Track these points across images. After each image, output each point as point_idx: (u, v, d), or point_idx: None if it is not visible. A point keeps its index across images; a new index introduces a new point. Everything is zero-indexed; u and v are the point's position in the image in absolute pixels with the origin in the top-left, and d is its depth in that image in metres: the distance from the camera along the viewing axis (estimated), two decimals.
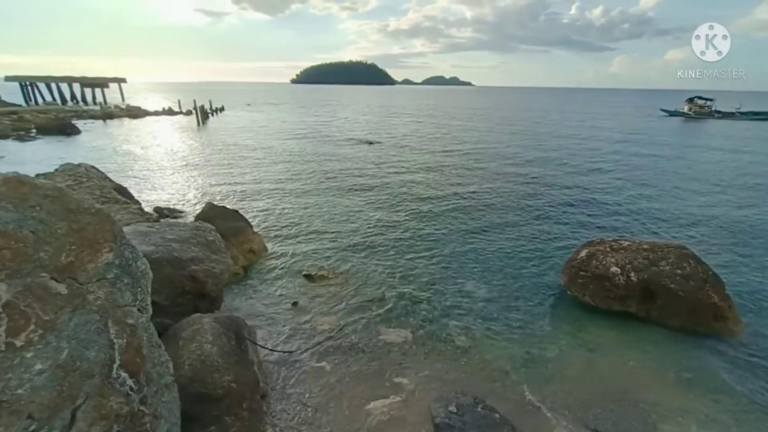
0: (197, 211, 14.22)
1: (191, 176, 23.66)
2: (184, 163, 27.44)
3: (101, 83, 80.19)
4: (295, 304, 10.22)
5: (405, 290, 10.98)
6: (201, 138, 40.41)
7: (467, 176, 24.58)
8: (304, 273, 11.82)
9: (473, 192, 20.90)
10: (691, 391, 7.51)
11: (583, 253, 10.73)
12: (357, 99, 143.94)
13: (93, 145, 33.93)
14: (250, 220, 14.18)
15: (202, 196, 19.49)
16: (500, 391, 7.53)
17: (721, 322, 9.07)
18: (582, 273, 10.36)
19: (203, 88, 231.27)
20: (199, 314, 6.64)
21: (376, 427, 6.57)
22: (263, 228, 15.26)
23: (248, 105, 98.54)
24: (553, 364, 8.20)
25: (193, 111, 56.26)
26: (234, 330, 6.71)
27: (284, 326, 9.31)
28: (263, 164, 27.24)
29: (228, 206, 14.69)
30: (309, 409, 6.86)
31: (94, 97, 78.25)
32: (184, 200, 18.75)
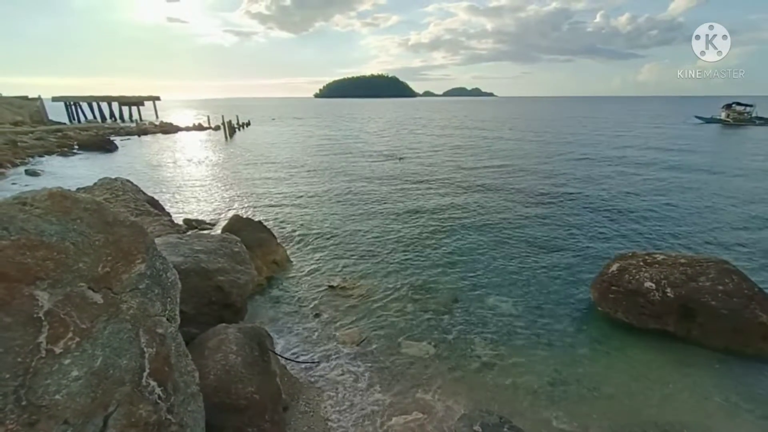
0: (224, 223, 14.65)
1: (218, 189, 24.51)
2: (212, 176, 28.51)
3: (137, 101, 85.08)
4: (317, 315, 10.26)
5: (428, 304, 10.83)
6: (228, 152, 41.98)
7: (493, 189, 24.20)
8: (327, 284, 11.90)
9: (498, 206, 20.53)
10: (738, 417, 6.94)
11: (615, 267, 10.28)
12: (380, 112, 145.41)
13: (128, 160, 35.88)
14: (274, 232, 14.47)
15: (228, 208, 20.11)
16: (527, 412, 7.21)
17: None
18: (614, 288, 9.90)
19: (231, 104, 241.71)
20: (224, 324, 6.77)
21: None
22: (287, 240, 15.52)
23: (273, 119, 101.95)
24: (584, 385, 7.80)
25: (221, 126, 58.66)
26: (257, 341, 6.78)
27: (307, 337, 9.35)
28: (289, 177, 27.90)
29: (253, 218, 15.09)
30: (330, 423, 6.80)
31: (130, 115, 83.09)
32: (211, 212, 19.39)
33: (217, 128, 65.94)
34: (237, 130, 66.06)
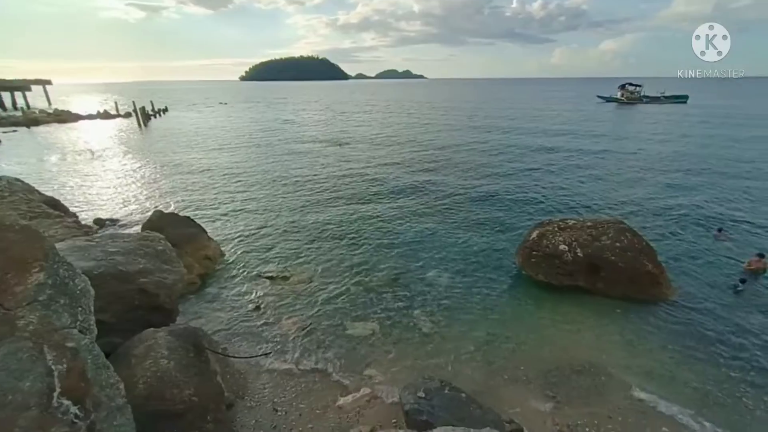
0: (144, 220, 13.33)
1: (136, 183, 22.10)
2: (127, 169, 25.55)
3: (21, 86, 72.15)
4: (258, 307, 9.96)
5: (369, 284, 11.06)
6: (144, 141, 37.76)
7: (428, 172, 24.94)
8: (265, 275, 11.54)
9: (433, 187, 21.31)
10: (633, 351, 8.28)
11: (535, 235, 11.38)
12: (314, 96, 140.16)
13: (17, 156, 30.55)
14: (204, 226, 13.55)
15: (149, 203, 18.30)
16: (466, 371, 7.85)
17: (656, 287, 10.04)
18: (534, 253, 10.99)
19: (144, 88, 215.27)
20: (152, 329, 6.28)
21: (348, 422, 6.61)
22: (220, 234, 14.64)
23: (195, 105, 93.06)
24: (513, 341, 8.67)
25: (133, 113, 52.37)
26: (192, 341, 6.42)
27: (248, 331, 9.06)
28: (218, 168, 26.00)
29: (179, 213, 13.95)
30: (279, 413, 6.75)
31: (14, 102, 70.27)
32: (128, 209, 17.49)
33: (127, 115, 58.67)
34: (153, 117, 59.51)
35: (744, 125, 44.20)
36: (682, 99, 77.53)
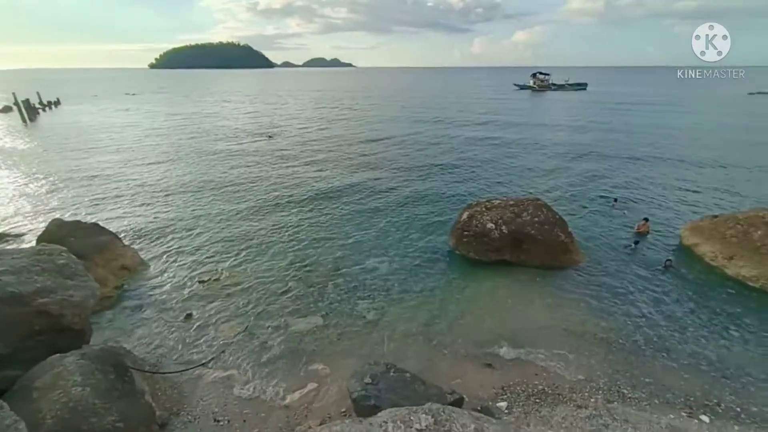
0: (40, 232, 11.51)
1: (25, 189, 18.87)
2: (11, 175, 21.65)
3: None
4: (189, 315, 9.25)
5: (310, 279, 10.88)
6: (31, 140, 32.10)
7: (360, 162, 24.98)
8: (196, 280, 10.74)
9: (365, 177, 21.43)
10: (553, 312, 9.29)
11: (465, 216, 12.09)
12: (238, 85, 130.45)
13: None
14: (118, 233, 12.17)
15: (44, 211, 15.80)
16: (410, 351, 8.17)
17: (569, 254, 11.33)
18: (466, 233, 11.70)
19: (29, 77, 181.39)
20: (58, 355, 5.52)
21: (296, 419, 6.52)
22: (138, 239, 13.23)
23: (96, 96, 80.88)
24: (451, 317, 9.21)
25: (14, 106, 44.41)
26: (112, 362, 5.79)
27: (180, 342, 8.40)
28: (130, 167, 23.18)
29: (83, 220, 12.29)
30: (221, 423, 6.42)
31: None
32: (17, 221, 14.93)
33: (7, 110, 49.49)
34: (41, 111, 51.00)
35: (632, 108, 51.38)
36: (582, 86, 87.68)
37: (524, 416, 6.48)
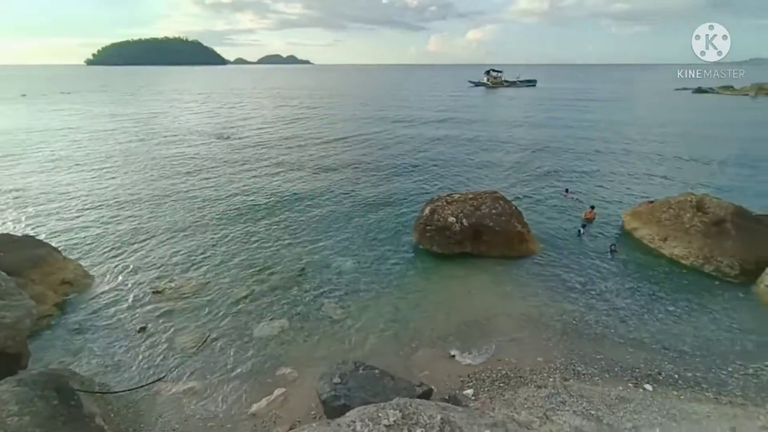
0: None
1: None
2: None
3: None
4: (143, 328, 8.69)
5: (273, 282, 10.60)
6: None
7: (321, 162, 24.53)
8: (149, 291, 10.10)
9: (327, 177, 21.15)
10: (513, 300, 9.74)
11: (427, 211, 12.32)
12: (189, 83, 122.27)
13: None
14: (57, 246, 11.15)
15: None
16: (378, 347, 8.22)
17: (525, 244, 11.90)
18: (428, 227, 11.93)
19: None
20: None
21: (264, 427, 6.36)
22: (80, 251, 12.20)
23: (24, 96, 72.67)
24: (416, 310, 9.38)
25: None
26: (54, 386, 5.31)
27: (134, 357, 7.88)
28: (69, 174, 21.18)
29: (15, 233, 11.16)
30: None
31: None
32: None
33: None
34: None
35: (577, 104, 54.81)
36: (532, 83, 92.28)
37: (490, 401, 6.74)
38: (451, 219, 11.70)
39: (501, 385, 7.15)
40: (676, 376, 7.30)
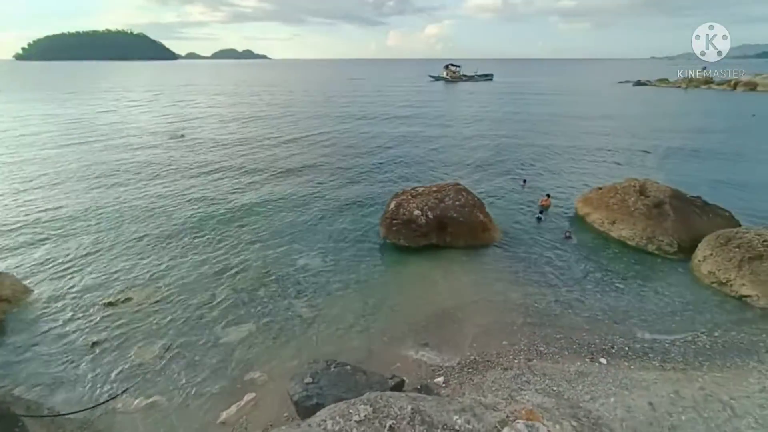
0: None
1: None
2: None
3: None
4: (95, 343, 8.12)
5: (238, 284, 10.27)
6: None
7: (283, 160, 23.73)
8: (100, 302, 9.44)
9: (290, 175, 20.62)
10: (478, 287, 10.08)
11: (393, 205, 12.41)
12: (137, 80, 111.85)
13: None
14: None
15: None
16: (349, 343, 8.22)
17: (487, 233, 12.33)
18: (395, 221, 12.02)
19: None
20: None
21: None
22: (19, 265, 11.15)
23: None
24: (387, 304, 9.45)
25: None
26: None
27: (87, 375, 7.36)
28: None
29: None
30: None
31: None
32: None
33: None
34: None
35: (531, 97, 57.26)
36: (489, 77, 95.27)
37: (460, 386, 6.97)
38: (417, 212, 11.86)
39: (470, 370, 7.40)
40: (627, 348, 7.90)
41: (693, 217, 11.90)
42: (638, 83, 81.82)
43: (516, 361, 7.54)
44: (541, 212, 14.36)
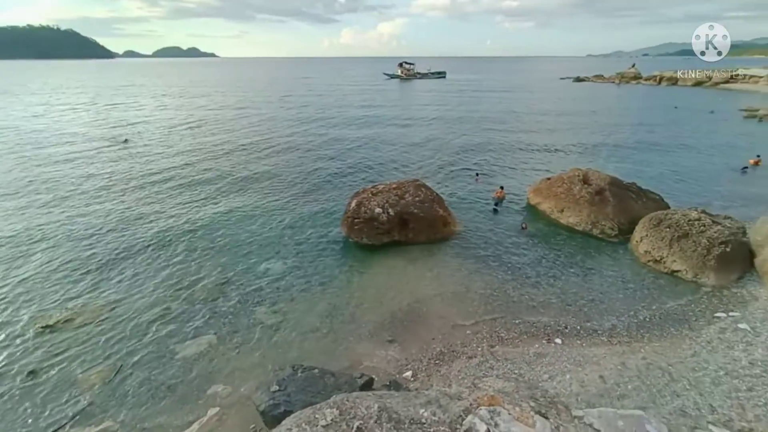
0: None
1: None
2: None
3: None
4: (33, 372, 7.37)
5: (194, 295, 9.75)
6: None
7: (237, 164, 22.77)
8: (37, 326, 8.55)
9: (246, 179, 19.73)
10: (441, 280, 10.31)
11: (354, 204, 12.36)
12: (68, 79, 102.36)
13: None
14: None
15: None
16: (316, 346, 8.10)
17: (448, 227, 12.65)
18: (356, 220, 11.98)
19: None
20: None
21: None
22: None
23: None
24: (352, 304, 9.42)
25: None
26: None
27: (25, 409, 6.65)
28: None
29: None
30: None
31: None
32: None
33: None
34: None
35: (483, 95, 59.46)
36: (442, 75, 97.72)
37: (427, 378, 7.12)
38: (378, 210, 11.91)
39: (437, 362, 7.58)
40: (579, 327, 8.48)
41: (630, 202, 12.97)
42: (578, 79, 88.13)
43: (479, 349, 7.82)
44: (496, 204, 15.00)
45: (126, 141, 27.39)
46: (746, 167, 19.84)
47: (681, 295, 9.49)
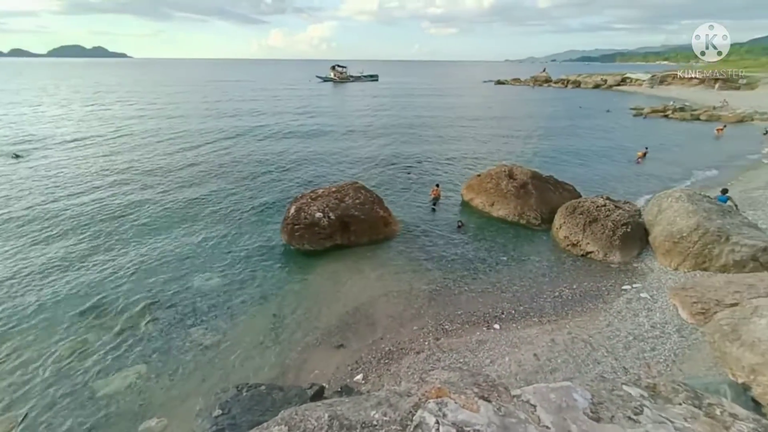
0: None
1: None
2: None
3: None
4: None
5: (116, 322, 8.71)
6: None
7: (159, 176, 20.60)
8: None
9: (170, 192, 17.83)
10: (385, 281, 10.44)
11: (293, 210, 12.01)
12: None
13: None
14: None
15: None
16: (261, 362, 7.72)
17: (389, 227, 12.87)
18: (297, 227, 11.66)
19: None
20: None
21: None
22: None
23: None
24: (297, 312, 9.15)
25: None
26: None
27: None
28: None
29: None
30: None
31: None
32: None
33: None
34: None
35: (415, 97, 61.47)
36: (374, 78, 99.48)
37: (379, 379, 7.17)
38: (318, 214, 11.71)
39: (386, 361, 7.66)
40: (513, 312, 9.15)
41: (549, 194, 14.34)
42: (498, 82, 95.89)
43: (426, 343, 8.08)
44: (434, 203, 15.59)
45: (17, 156, 23.28)
46: (639, 159, 23.15)
47: (595, 273, 10.73)
